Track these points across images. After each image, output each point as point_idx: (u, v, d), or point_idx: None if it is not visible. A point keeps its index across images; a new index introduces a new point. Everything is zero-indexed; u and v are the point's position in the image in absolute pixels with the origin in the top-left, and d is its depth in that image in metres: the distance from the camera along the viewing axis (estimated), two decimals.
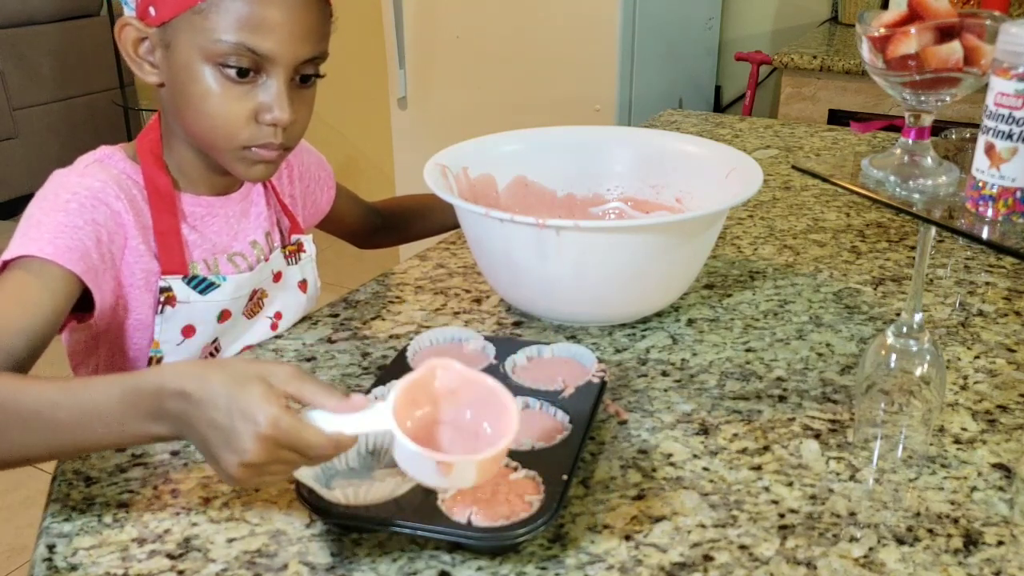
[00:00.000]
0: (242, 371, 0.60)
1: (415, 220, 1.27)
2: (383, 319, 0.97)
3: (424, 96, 2.45)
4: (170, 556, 0.62)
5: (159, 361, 0.90)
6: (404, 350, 0.82)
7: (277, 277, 0.97)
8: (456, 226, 1.21)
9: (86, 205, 0.82)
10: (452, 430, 0.62)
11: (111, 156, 0.88)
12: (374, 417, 0.59)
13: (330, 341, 0.92)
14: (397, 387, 0.60)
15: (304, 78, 0.85)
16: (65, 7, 3.68)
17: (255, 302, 0.95)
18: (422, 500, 0.62)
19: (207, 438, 0.59)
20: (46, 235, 0.79)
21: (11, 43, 3.52)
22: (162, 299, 0.87)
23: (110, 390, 0.63)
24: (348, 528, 0.64)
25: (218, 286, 0.89)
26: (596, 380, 0.77)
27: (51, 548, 0.63)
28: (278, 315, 0.98)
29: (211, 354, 0.93)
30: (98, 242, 0.82)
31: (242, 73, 0.80)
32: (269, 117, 0.82)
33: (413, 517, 0.60)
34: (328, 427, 0.59)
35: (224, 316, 0.91)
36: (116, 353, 0.91)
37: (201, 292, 0.88)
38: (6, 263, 0.79)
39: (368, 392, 0.75)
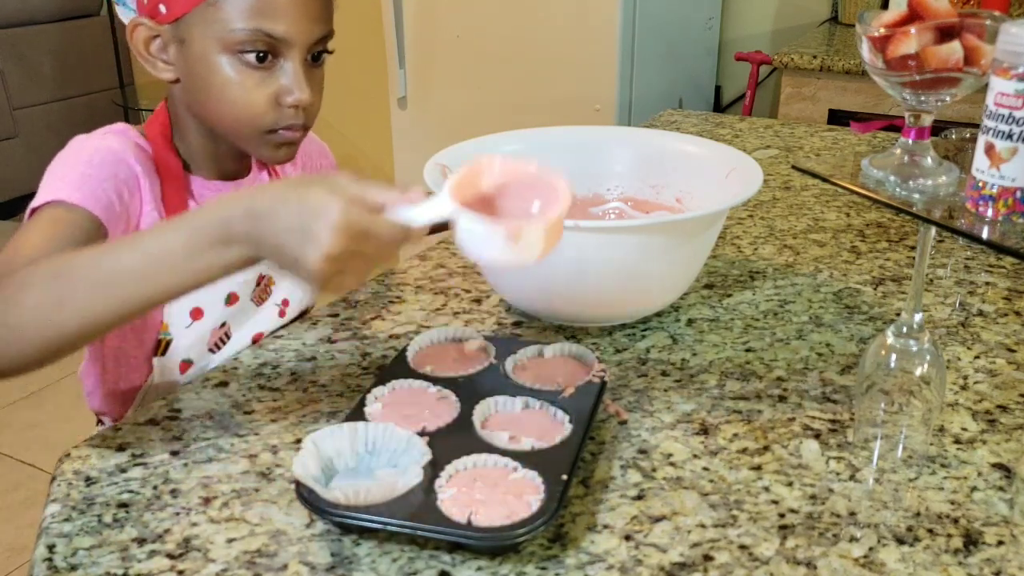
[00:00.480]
0: (301, 179, 0.63)
1: None
2: (383, 319, 0.97)
3: (424, 96, 2.46)
4: (170, 556, 0.62)
5: (168, 344, 0.91)
6: (404, 350, 0.82)
7: None
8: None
9: (108, 161, 0.84)
10: (507, 216, 0.64)
11: (126, 131, 0.90)
12: (435, 206, 0.62)
13: (330, 341, 0.92)
14: (448, 181, 0.62)
15: (315, 57, 0.87)
16: (65, 7, 3.68)
17: (263, 288, 0.96)
18: (422, 500, 0.62)
19: (282, 246, 0.60)
20: (71, 184, 0.80)
21: (11, 43, 3.52)
22: None
23: (173, 229, 0.64)
24: (348, 528, 0.64)
25: None
26: (596, 380, 0.77)
27: (51, 548, 0.63)
28: (285, 302, 1.00)
29: (221, 339, 0.94)
30: (119, 197, 0.83)
31: (260, 58, 0.82)
32: (290, 99, 0.84)
33: (413, 517, 0.60)
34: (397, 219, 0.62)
35: (232, 299, 0.92)
36: (124, 332, 0.91)
37: None
38: (34, 211, 0.80)
39: (368, 392, 0.75)
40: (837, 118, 2.19)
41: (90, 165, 0.83)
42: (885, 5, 2.30)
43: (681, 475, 0.71)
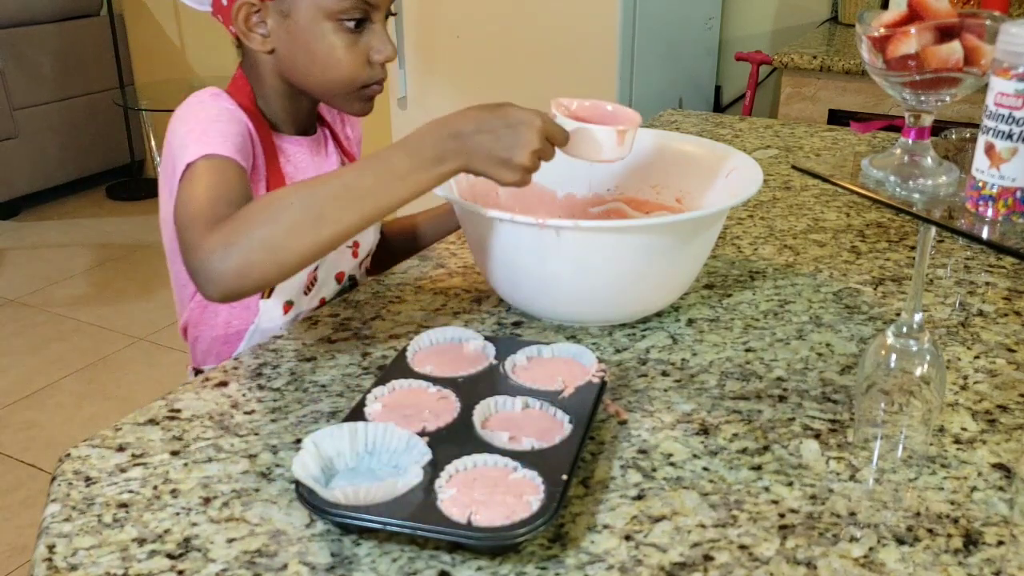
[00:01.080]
0: (487, 105, 0.80)
1: (404, 241, 1.28)
2: (383, 319, 0.97)
3: (424, 96, 2.46)
4: (170, 556, 0.62)
5: (273, 287, 0.99)
6: (404, 350, 0.82)
7: None
8: (443, 235, 1.23)
9: (233, 119, 0.93)
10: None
11: (223, 94, 0.97)
12: (567, 122, 0.84)
13: (330, 341, 0.92)
14: (557, 111, 0.85)
15: (386, 17, 0.98)
16: (65, 7, 3.69)
17: None
18: (422, 500, 0.62)
19: (493, 151, 0.79)
20: (215, 140, 0.88)
21: (11, 43, 3.52)
22: None
23: (396, 152, 0.79)
24: (348, 528, 0.64)
25: None
26: (596, 380, 0.77)
27: (51, 548, 0.63)
28: (356, 244, 1.09)
29: (312, 281, 1.04)
30: (248, 150, 0.93)
31: (359, 23, 0.93)
32: (380, 56, 0.96)
33: (413, 517, 0.60)
34: None
35: None
36: None
37: None
38: (188, 166, 0.87)
39: (368, 392, 0.75)
40: (837, 118, 2.20)
41: (220, 122, 0.91)
42: (885, 5, 2.31)
43: (681, 475, 0.71)
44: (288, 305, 1.02)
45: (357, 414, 0.72)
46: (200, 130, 0.90)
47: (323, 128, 1.10)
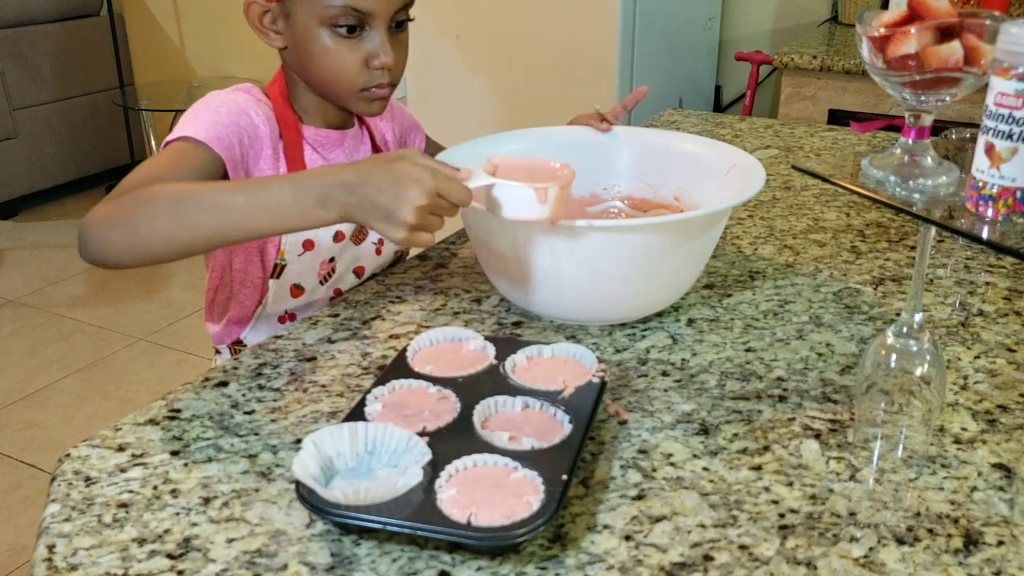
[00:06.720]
0: (385, 157, 0.80)
1: None
2: (383, 319, 0.97)
3: (424, 96, 2.45)
4: (170, 556, 0.62)
5: (282, 268, 1.05)
6: (404, 350, 0.82)
7: None
8: None
9: (233, 111, 0.98)
10: None
11: (251, 89, 1.04)
12: (481, 177, 0.80)
13: (330, 341, 0.92)
14: (479, 171, 0.81)
15: (398, 25, 1.02)
16: (65, 7, 3.68)
17: (360, 229, 1.08)
18: (422, 500, 0.62)
19: (377, 205, 0.76)
20: (200, 126, 0.94)
21: (11, 43, 3.51)
22: None
23: (283, 183, 0.79)
24: (348, 528, 0.64)
25: None
26: (596, 380, 0.77)
27: (51, 548, 0.63)
28: (381, 241, 1.12)
29: (329, 272, 1.08)
30: (240, 142, 0.97)
31: (351, 30, 0.97)
32: (377, 62, 0.99)
33: (413, 517, 0.60)
34: None
35: (339, 237, 1.06)
36: (251, 255, 1.05)
37: None
38: (166, 144, 0.93)
39: (368, 392, 0.75)
40: (837, 118, 2.20)
41: (218, 113, 0.97)
42: (885, 5, 2.31)
43: (681, 475, 0.71)
44: (297, 290, 1.07)
45: (357, 414, 0.72)
46: (191, 116, 0.96)
47: (362, 126, 1.14)
